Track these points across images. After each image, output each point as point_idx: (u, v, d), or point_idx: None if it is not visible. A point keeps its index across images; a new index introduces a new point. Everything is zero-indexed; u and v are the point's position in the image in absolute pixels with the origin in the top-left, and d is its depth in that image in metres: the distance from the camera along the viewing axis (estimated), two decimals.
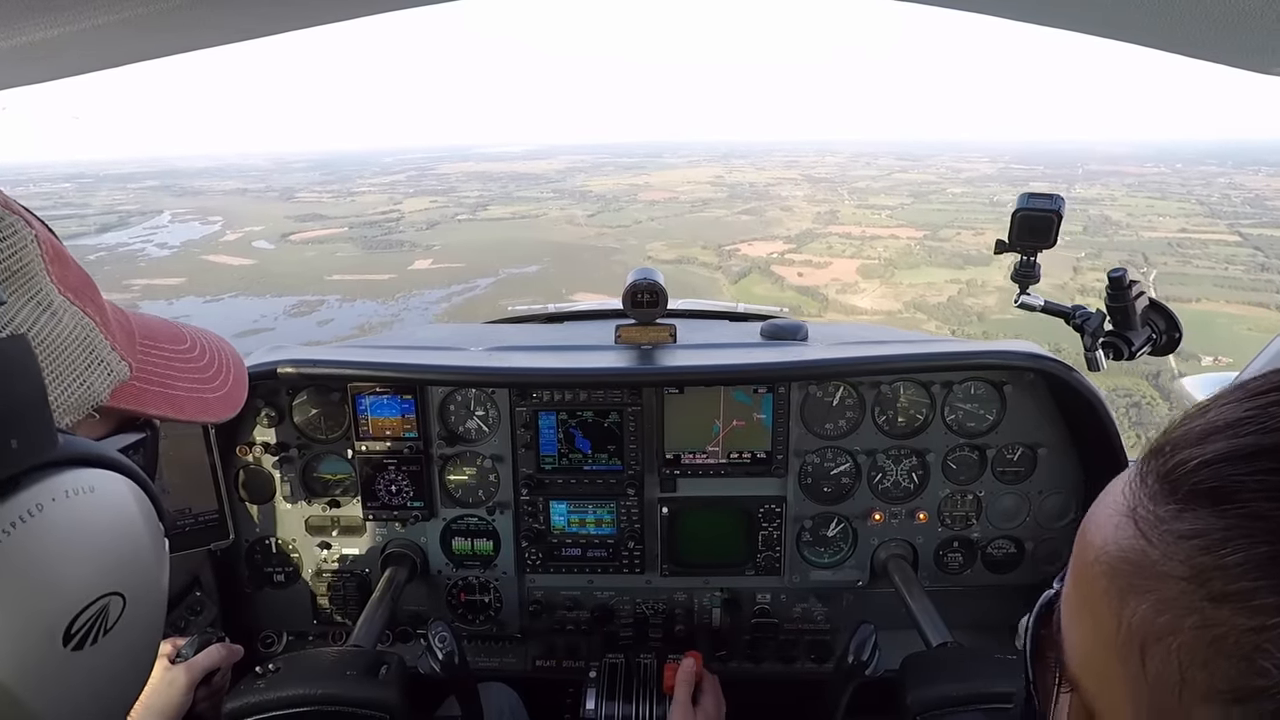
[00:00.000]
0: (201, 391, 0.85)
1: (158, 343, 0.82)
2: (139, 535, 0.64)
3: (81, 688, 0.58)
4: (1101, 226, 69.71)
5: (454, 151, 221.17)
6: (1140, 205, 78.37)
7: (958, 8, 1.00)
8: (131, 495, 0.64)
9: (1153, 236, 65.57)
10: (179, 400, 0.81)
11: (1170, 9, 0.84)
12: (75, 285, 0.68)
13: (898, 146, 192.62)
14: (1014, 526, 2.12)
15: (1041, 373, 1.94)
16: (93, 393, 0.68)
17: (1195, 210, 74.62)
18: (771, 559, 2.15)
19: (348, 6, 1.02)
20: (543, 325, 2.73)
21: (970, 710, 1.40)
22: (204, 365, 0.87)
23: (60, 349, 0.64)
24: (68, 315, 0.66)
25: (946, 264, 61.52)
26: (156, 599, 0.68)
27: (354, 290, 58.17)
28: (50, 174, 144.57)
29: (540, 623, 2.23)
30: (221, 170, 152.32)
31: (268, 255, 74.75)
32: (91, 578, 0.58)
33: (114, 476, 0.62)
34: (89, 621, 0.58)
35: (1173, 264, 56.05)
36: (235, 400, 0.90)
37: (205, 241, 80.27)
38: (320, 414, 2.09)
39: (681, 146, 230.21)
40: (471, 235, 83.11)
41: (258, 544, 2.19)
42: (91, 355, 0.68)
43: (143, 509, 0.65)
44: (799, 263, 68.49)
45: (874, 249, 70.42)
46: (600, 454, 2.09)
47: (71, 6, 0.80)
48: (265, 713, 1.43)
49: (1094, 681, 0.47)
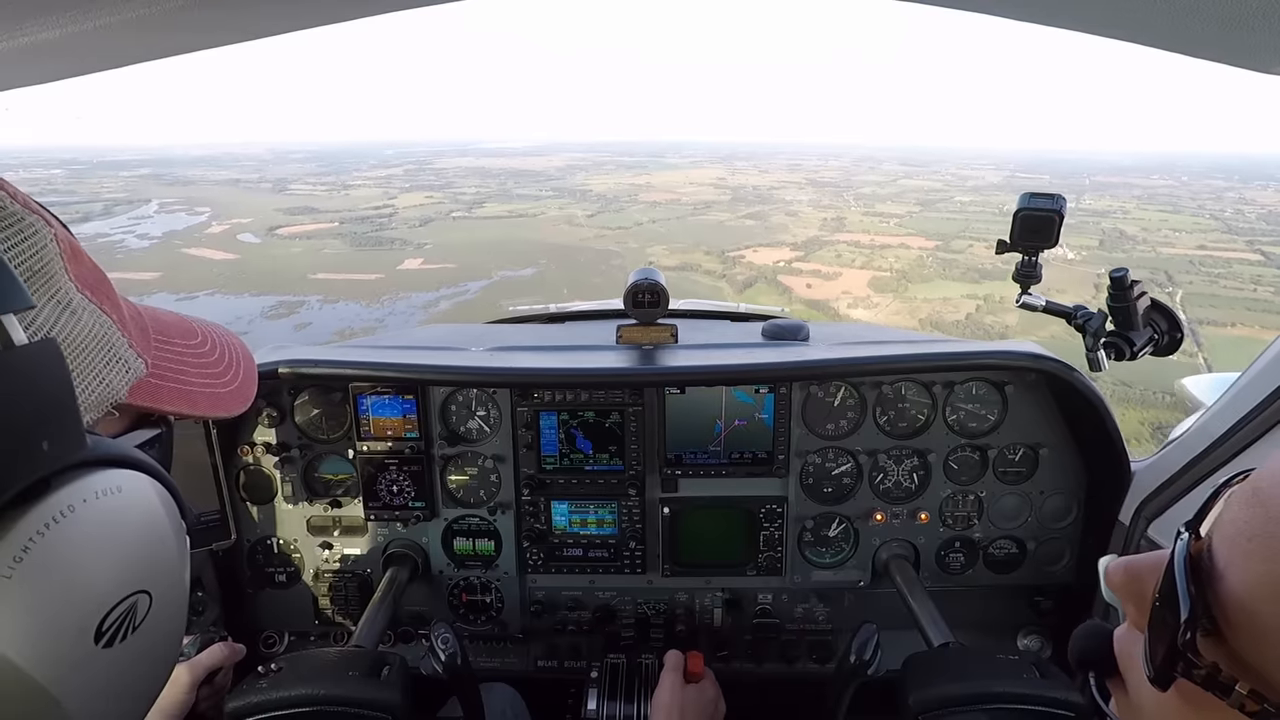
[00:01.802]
0: (214, 386, 0.85)
1: (170, 338, 0.83)
2: (164, 534, 0.66)
3: (111, 684, 0.59)
4: (1117, 241, 68.89)
5: (454, 146, 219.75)
6: (1154, 219, 77.62)
7: (959, 7, 1.00)
8: (156, 494, 0.65)
9: (1172, 253, 64.47)
10: (193, 395, 0.82)
11: (1171, 8, 0.85)
12: (91, 282, 0.68)
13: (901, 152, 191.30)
14: (1015, 527, 2.12)
15: (1043, 373, 1.94)
16: (112, 390, 0.69)
17: (1211, 226, 73.70)
18: (773, 559, 2.15)
19: (351, 6, 1.02)
20: (544, 325, 2.73)
21: (973, 710, 1.40)
22: (215, 360, 0.88)
23: (81, 348, 0.65)
24: (86, 313, 0.66)
25: (962, 278, 60.16)
26: (180, 596, 0.69)
27: (338, 291, 56.18)
28: (44, 160, 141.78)
29: (542, 623, 2.23)
30: (218, 160, 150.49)
31: (252, 250, 72.35)
32: (120, 577, 0.59)
33: (139, 476, 0.63)
34: (119, 619, 0.59)
35: (1199, 283, 54.76)
36: (246, 394, 0.91)
37: (189, 233, 78.09)
38: (321, 414, 2.09)
39: (684, 146, 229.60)
40: (466, 234, 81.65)
41: (259, 544, 2.19)
42: (110, 353, 0.69)
43: (166, 507, 0.66)
44: (807, 272, 67.03)
45: (884, 259, 69.17)
46: (601, 454, 2.09)
47: (75, 7, 0.80)
48: (267, 712, 1.43)
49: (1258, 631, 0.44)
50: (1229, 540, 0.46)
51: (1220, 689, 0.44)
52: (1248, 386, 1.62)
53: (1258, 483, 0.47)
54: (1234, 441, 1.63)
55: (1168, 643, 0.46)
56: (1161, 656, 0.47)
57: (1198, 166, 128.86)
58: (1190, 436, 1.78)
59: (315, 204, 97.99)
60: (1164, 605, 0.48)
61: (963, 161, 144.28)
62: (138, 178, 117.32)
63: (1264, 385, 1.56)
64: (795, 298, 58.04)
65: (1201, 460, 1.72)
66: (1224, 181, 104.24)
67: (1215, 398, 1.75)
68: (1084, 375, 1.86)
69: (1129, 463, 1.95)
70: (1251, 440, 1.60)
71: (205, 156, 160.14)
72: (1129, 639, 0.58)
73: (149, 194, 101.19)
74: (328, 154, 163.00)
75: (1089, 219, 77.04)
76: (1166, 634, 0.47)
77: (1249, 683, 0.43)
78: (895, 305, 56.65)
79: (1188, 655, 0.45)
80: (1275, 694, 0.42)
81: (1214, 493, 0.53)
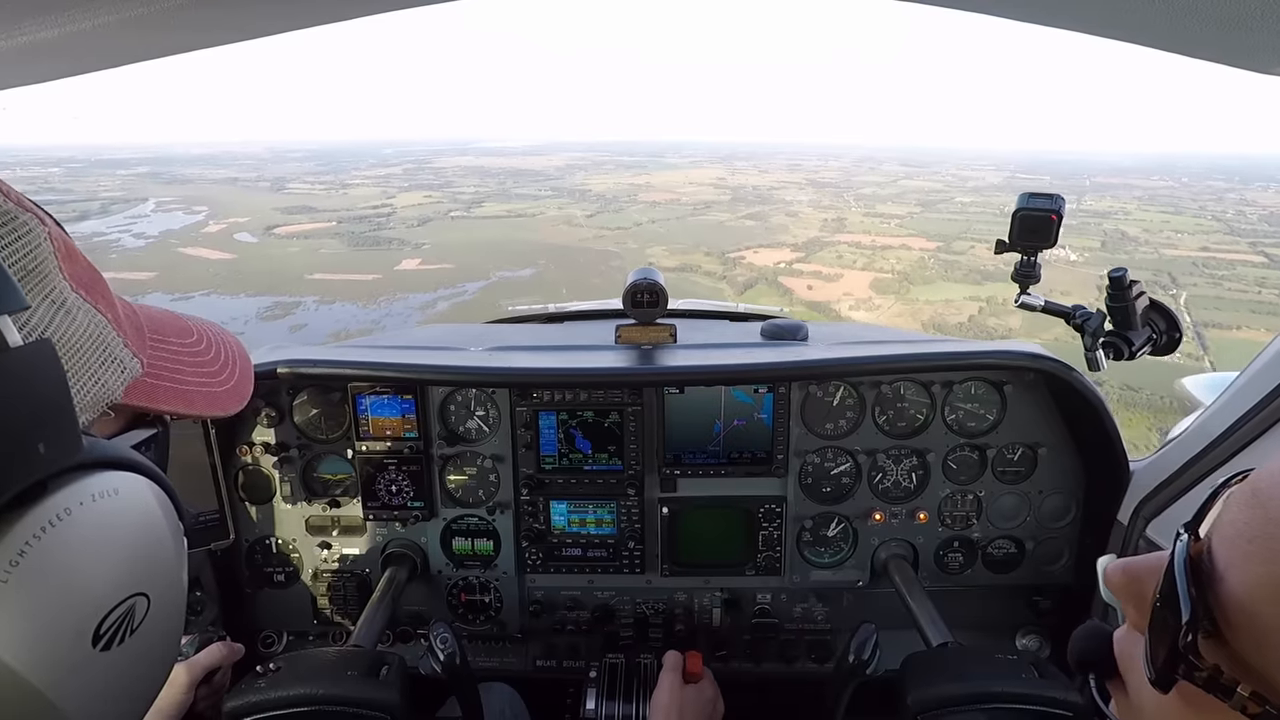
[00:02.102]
0: (210, 385, 0.85)
1: (166, 337, 0.82)
2: (161, 536, 0.65)
3: (109, 687, 0.58)
4: (1120, 243, 68.23)
5: (453, 145, 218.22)
6: (1155, 220, 77.01)
7: (957, 7, 1.00)
8: (153, 496, 0.64)
9: (1175, 255, 63.75)
10: (189, 395, 0.81)
11: (1170, 8, 0.85)
12: (86, 281, 0.67)
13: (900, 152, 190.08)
14: (1014, 526, 2.12)
15: (1042, 372, 1.95)
16: (107, 391, 0.68)
17: (1213, 227, 73.10)
18: (772, 559, 2.15)
19: (349, 6, 1.02)
20: (543, 325, 2.73)
21: (971, 710, 1.40)
22: (211, 359, 0.87)
23: (76, 348, 0.64)
24: (81, 313, 0.65)
25: (964, 279, 59.31)
26: (178, 597, 0.68)
27: (334, 291, 55.20)
28: (42, 158, 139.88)
29: (540, 623, 2.23)
30: (217, 158, 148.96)
31: (249, 249, 70.87)
32: (118, 580, 0.59)
33: (136, 478, 0.62)
34: (116, 622, 0.58)
35: (1202, 285, 54.17)
36: (243, 393, 0.90)
37: (185, 232, 77.05)
38: (320, 414, 2.09)
39: (683, 146, 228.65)
40: (464, 234, 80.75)
41: (258, 544, 2.19)
42: (105, 353, 0.68)
43: (164, 509, 0.66)
44: (808, 274, 66.13)
45: (885, 260, 68.39)
46: (600, 454, 2.09)
47: (72, 7, 0.80)
48: (266, 712, 1.42)
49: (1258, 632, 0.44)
50: (1229, 541, 0.46)
51: (1222, 691, 0.44)
52: (1246, 386, 1.62)
53: (1257, 484, 0.46)
54: (1232, 441, 1.63)
55: (1169, 645, 0.46)
56: (1163, 659, 0.47)
57: (1197, 167, 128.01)
58: (1189, 436, 1.78)
59: (313, 203, 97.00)
60: (1164, 607, 0.48)
61: (963, 162, 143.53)
62: (135, 176, 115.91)
63: (1262, 384, 1.56)
64: (796, 299, 57.14)
65: (1200, 460, 1.72)
66: (1224, 182, 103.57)
67: (1214, 397, 1.75)
68: (1083, 375, 1.86)
69: (1128, 462, 1.95)
70: (1250, 439, 1.60)
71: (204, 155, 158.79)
72: (1129, 640, 0.58)
73: (146, 193, 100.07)
74: (326, 153, 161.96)
75: (1091, 220, 76.38)
76: (1167, 636, 0.46)
77: (1250, 685, 0.43)
78: (897, 307, 55.83)
79: (1189, 657, 0.45)
80: (1277, 696, 0.42)
81: (1213, 493, 0.52)
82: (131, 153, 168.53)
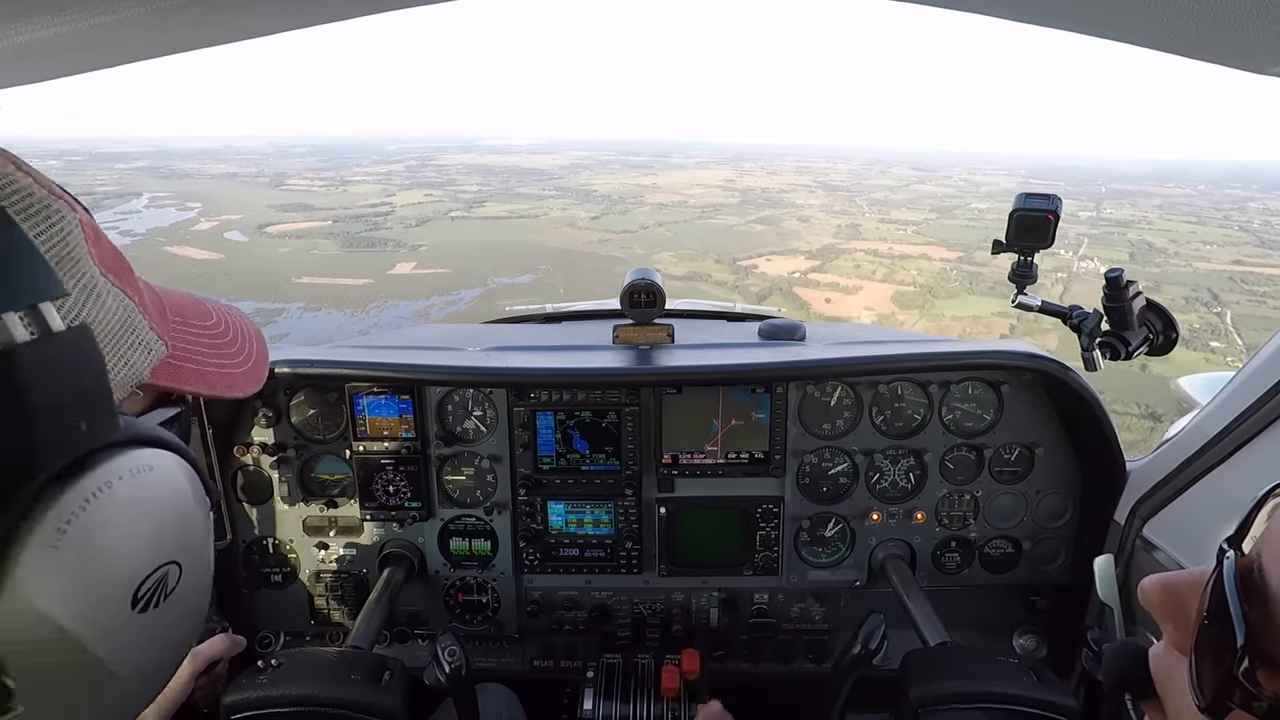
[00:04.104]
0: (229, 367, 0.88)
1: (187, 319, 0.85)
2: (191, 509, 0.69)
3: (146, 646, 0.64)
4: (1148, 255, 64.38)
5: (458, 142, 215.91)
6: (1181, 230, 73.53)
7: (956, 8, 1.00)
8: (183, 472, 0.69)
9: (1208, 269, 59.72)
10: (209, 376, 0.85)
11: (1166, 8, 0.85)
12: (113, 266, 0.70)
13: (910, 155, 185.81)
14: (1011, 526, 2.13)
15: (1039, 373, 1.95)
16: (135, 371, 0.71)
17: (1242, 239, 69.67)
18: (769, 559, 2.15)
19: (348, 6, 1.01)
20: (540, 325, 2.73)
21: (971, 709, 1.41)
22: (229, 341, 0.91)
23: (107, 331, 0.67)
24: (110, 297, 0.68)
25: (990, 293, 54.29)
26: (205, 569, 0.73)
27: (321, 296, 52.37)
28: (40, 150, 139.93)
29: (538, 623, 2.23)
30: (218, 153, 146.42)
31: (238, 249, 67.58)
32: (154, 548, 0.64)
33: (168, 455, 0.67)
34: (153, 587, 0.63)
35: (1245, 304, 49.36)
36: (259, 375, 0.94)
37: (174, 230, 74.37)
38: (318, 414, 2.09)
39: (690, 146, 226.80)
40: (463, 235, 77.95)
41: (255, 544, 2.19)
42: (133, 335, 0.71)
43: (192, 484, 0.70)
44: (825, 285, 62.10)
45: (906, 271, 64.63)
46: (598, 454, 2.09)
47: (68, 6, 0.80)
48: (266, 708, 1.42)
49: None
50: None
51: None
52: (1242, 386, 1.62)
53: None
54: (1229, 441, 1.63)
55: (1223, 670, 0.42)
56: (1215, 685, 0.43)
57: (1210, 174, 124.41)
58: (1185, 436, 1.78)
59: (310, 200, 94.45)
60: (1213, 627, 0.44)
61: (973, 166, 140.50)
62: (133, 170, 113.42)
63: (1259, 384, 1.56)
64: (814, 313, 51.19)
65: (1196, 460, 1.71)
66: (1243, 190, 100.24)
67: (1210, 397, 1.75)
68: (1079, 375, 1.86)
69: (1124, 462, 1.95)
70: (1246, 439, 1.60)
71: (205, 150, 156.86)
72: (1167, 660, 0.54)
73: (142, 187, 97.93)
74: (330, 149, 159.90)
75: (1114, 230, 72.57)
76: (1218, 659, 0.42)
77: None
78: (923, 324, 51.44)
79: (1246, 685, 0.40)
80: None
81: (1255, 505, 0.48)
82: (132, 146, 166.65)
